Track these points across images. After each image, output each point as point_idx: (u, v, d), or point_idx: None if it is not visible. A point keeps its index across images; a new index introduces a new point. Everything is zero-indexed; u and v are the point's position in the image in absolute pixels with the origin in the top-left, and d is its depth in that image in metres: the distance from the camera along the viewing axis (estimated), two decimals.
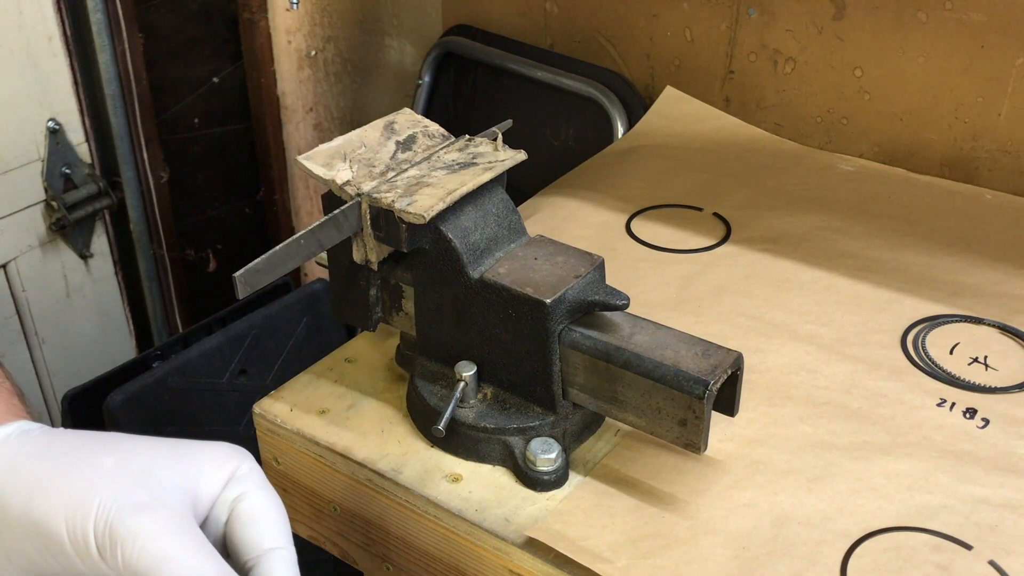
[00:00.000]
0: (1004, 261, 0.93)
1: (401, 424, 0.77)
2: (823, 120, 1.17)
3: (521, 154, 0.74)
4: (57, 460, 0.48)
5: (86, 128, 1.42)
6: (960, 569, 0.63)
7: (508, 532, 0.67)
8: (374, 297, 0.76)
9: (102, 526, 0.46)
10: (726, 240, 0.98)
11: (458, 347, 0.73)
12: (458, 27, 1.46)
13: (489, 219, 0.71)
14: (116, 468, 0.48)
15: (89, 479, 0.47)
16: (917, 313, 0.86)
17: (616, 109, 1.29)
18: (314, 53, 1.67)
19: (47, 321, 1.42)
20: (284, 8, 1.60)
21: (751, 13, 1.17)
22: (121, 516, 0.46)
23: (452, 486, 0.71)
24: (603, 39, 1.31)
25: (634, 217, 1.02)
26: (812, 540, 0.65)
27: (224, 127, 1.66)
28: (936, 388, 0.78)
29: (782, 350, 0.82)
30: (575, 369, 0.69)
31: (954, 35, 1.05)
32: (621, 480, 0.70)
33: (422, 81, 1.50)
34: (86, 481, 0.47)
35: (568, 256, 0.71)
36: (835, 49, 1.13)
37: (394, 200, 0.68)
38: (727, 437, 0.74)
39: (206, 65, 1.60)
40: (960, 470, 0.70)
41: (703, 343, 0.67)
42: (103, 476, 0.47)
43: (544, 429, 0.71)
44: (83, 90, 1.40)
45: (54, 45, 1.35)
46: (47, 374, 1.45)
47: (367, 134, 0.76)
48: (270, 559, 0.50)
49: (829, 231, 0.99)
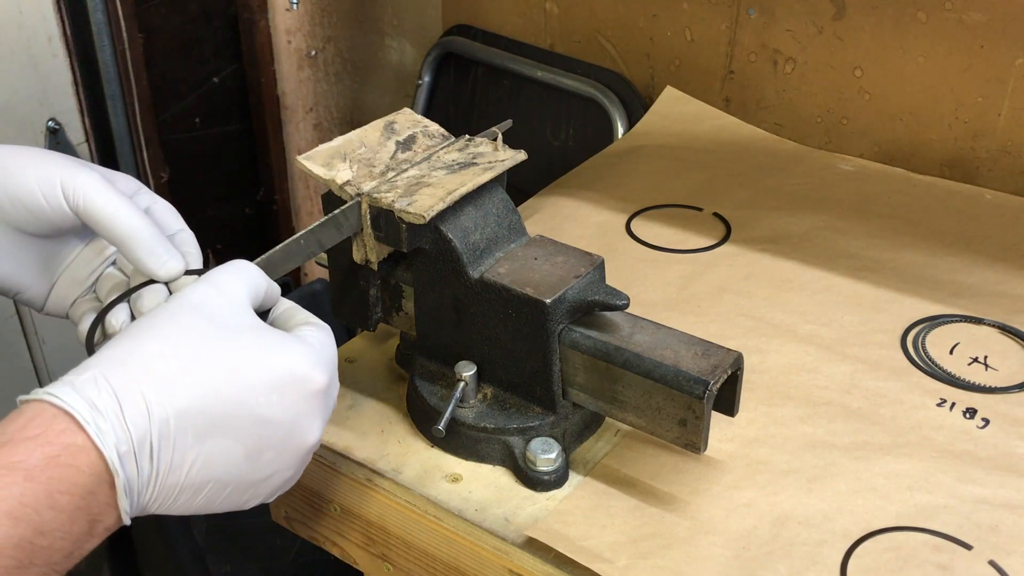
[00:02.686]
0: (1004, 261, 0.93)
1: (401, 424, 0.77)
2: (823, 120, 1.17)
3: (521, 154, 0.74)
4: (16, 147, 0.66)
5: (86, 128, 1.42)
6: (960, 569, 0.63)
7: (508, 532, 0.67)
8: (374, 297, 0.76)
9: (68, 177, 0.63)
10: (726, 240, 0.98)
11: (458, 347, 0.73)
12: (458, 27, 1.46)
13: (489, 219, 0.71)
14: (65, 156, 0.66)
15: (49, 155, 0.65)
16: (917, 313, 0.86)
17: (616, 109, 1.29)
18: (314, 53, 1.67)
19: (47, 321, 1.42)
20: (284, 8, 1.60)
21: (751, 13, 1.17)
22: (80, 172, 0.64)
23: (452, 486, 0.71)
24: (603, 39, 1.31)
25: (634, 217, 1.02)
26: (812, 540, 0.65)
27: (224, 127, 1.66)
28: (936, 388, 0.78)
29: (782, 350, 0.82)
30: (575, 369, 0.69)
31: (954, 35, 1.05)
32: (621, 480, 0.70)
33: (422, 81, 1.50)
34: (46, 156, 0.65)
35: (568, 256, 0.71)
36: (835, 49, 1.13)
37: (394, 200, 0.68)
38: (727, 437, 0.74)
39: (206, 65, 1.60)
40: (960, 470, 0.70)
41: (703, 343, 0.67)
42: (58, 156, 0.65)
43: (544, 429, 0.71)
44: (83, 90, 1.40)
45: (54, 45, 1.35)
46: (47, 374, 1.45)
47: (367, 134, 0.76)
48: (181, 234, 0.68)
49: (829, 231, 0.99)
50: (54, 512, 0.50)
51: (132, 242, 0.64)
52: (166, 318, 0.57)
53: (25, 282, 0.69)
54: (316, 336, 0.61)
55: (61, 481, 0.50)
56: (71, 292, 0.70)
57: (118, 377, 0.53)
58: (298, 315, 0.64)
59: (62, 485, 0.50)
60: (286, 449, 0.59)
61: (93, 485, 0.51)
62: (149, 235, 0.64)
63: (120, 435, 0.52)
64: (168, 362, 0.55)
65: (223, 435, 0.56)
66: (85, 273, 0.70)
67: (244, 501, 0.59)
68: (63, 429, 0.51)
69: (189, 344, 0.56)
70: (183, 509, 0.57)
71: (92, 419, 0.52)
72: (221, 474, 0.56)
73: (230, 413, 0.56)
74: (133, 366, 0.54)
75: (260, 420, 0.57)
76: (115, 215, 0.64)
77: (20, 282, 0.69)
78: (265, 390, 0.57)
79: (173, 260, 0.64)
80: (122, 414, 0.52)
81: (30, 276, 0.69)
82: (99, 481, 0.52)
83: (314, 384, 0.59)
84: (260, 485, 0.59)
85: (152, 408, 0.53)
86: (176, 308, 0.57)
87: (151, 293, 0.65)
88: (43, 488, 0.50)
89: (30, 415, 0.52)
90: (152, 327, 0.56)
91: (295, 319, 0.63)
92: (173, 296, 0.59)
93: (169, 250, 0.65)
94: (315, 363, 0.59)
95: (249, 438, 0.57)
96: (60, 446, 0.51)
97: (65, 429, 0.51)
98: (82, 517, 0.51)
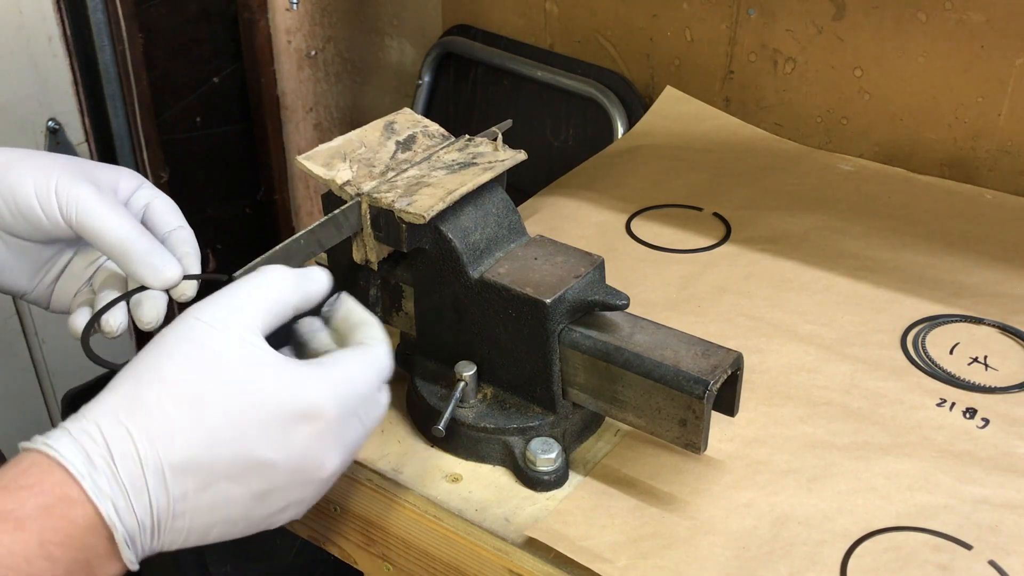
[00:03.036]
0: (1004, 261, 0.93)
1: (401, 424, 0.77)
2: (823, 120, 1.17)
3: (521, 154, 0.74)
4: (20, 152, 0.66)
5: (86, 128, 1.42)
6: (960, 569, 0.63)
7: (508, 532, 0.67)
8: (374, 297, 0.76)
9: (64, 188, 0.64)
10: (726, 240, 0.98)
11: (458, 347, 0.73)
12: (458, 27, 1.46)
13: (489, 219, 0.71)
14: (66, 161, 0.67)
15: (50, 161, 0.66)
16: (917, 313, 0.86)
17: (616, 109, 1.29)
18: (314, 53, 1.67)
19: (47, 321, 1.42)
20: (284, 8, 1.60)
21: (751, 13, 1.17)
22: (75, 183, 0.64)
23: (452, 486, 0.71)
24: (603, 39, 1.31)
25: (634, 217, 1.02)
26: (812, 540, 0.65)
27: (224, 127, 1.66)
28: (936, 388, 0.78)
29: (782, 350, 0.82)
30: (575, 369, 0.69)
31: (954, 35, 1.05)
32: (621, 480, 0.70)
33: (422, 81, 1.50)
34: (47, 162, 0.65)
35: (568, 256, 0.71)
36: (835, 49, 1.13)
37: (394, 200, 0.68)
38: (727, 437, 0.74)
39: (206, 65, 1.60)
40: (960, 470, 0.70)
41: (703, 343, 0.67)
42: (59, 163, 0.66)
43: (544, 429, 0.71)
44: (83, 90, 1.40)
45: (54, 45, 1.35)
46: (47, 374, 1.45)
47: (367, 134, 0.76)
48: (179, 232, 0.69)
49: (829, 231, 0.99)
50: (48, 563, 0.49)
51: (126, 255, 0.64)
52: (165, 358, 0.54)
53: (30, 285, 0.70)
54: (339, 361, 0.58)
55: (55, 532, 0.49)
56: (73, 288, 0.71)
57: (113, 430, 0.52)
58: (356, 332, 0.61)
59: (56, 536, 0.49)
60: (294, 486, 0.56)
61: (90, 538, 0.50)
62: (142, 247, 0.64)
63: (116, 490, 0.51)
64: (165, 411, 0.53)
65: (226, 481, 0.54)
66: (84, 266, 0.71)
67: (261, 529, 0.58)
68: (59, 481, 0.50)
69: (187, 390, 0.53)
70: (197, 543, 0.56)
71: (88, 473, 0.50)
72: (228, 515, 0.55)
73: (230, 459, 0.54)
74: (130, 417, 0.52)
75: (263, 463, 0.54)
76: (108, 229, 0.64)
77: (26, 285, 0.70)
78: (267, 432, 0.54)
79: (168, 269, 0.64)
80: (115, 467, 0.51)
81: (34, 279, 0.70)
82: (96, 534, 0.51)
83: (321, 418, 0.55)
84: (273, 517, 0.58)
85: (147, 461, 0.52)
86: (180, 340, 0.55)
87: (150, 300, 0.65)
88: (35, 538, 0.49)
89: (27, 463, 0.51)
90: (151, 370, 0.54)
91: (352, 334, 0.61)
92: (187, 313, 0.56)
93: (164, 260, 0.65)
94: (324, 396, 0.55)
95: (254, 482, 0.55)
96: (55, 497, 0.50)
97: (61, 481, 0.50)
98: (80, 568, 0.50)
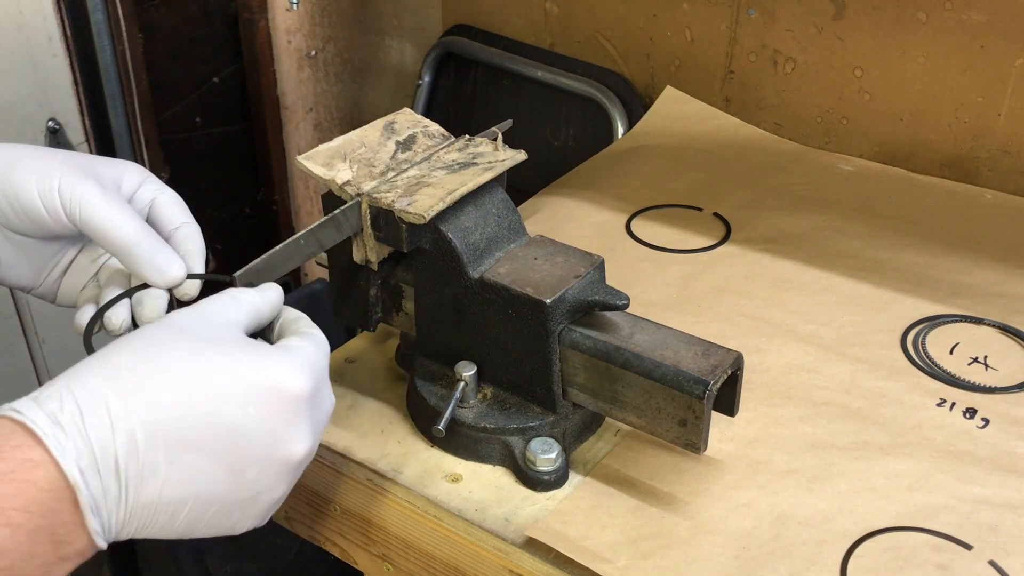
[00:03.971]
0: (1004, 261, 0.93)
1: (401, 424, 0.77)
2: (823, 120, 1.17)
3: (521, 154, 0.74)
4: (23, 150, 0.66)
5: (86, 128, 1.42)
6: (960, 569, 0.63)
7: (508, 532, 0.67)
8: (374, 297, 0.76)
9: (67, 187, 0.64)
10: (726, 240, 0.98)
11: (458, 347, 0.73)
12: (458, 27, 1.46)
13: (489, 219, 0.71)
14: (68, 157, 0.66)
15: (52, 159, 0.65)
16: (917, 313, 0.86)
17: (616, 109, 1.29)
18: (314, 53, 1.67)
19: (47, 321, 1.42)
20: (284, 8, 1.60)
21: (751, 13, 1.17)
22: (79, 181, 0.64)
23: (452, 486, 0.71)
24: (603, 39, 1.31)
25: (634, 217, 1.02)
26: (812, 540, 0.65)
27: (224, 127, 1.66)
28: (936, 388, 0.78)
29: (782, 350, 0.82)
30: (575, 369, 0.69)
31: (954, 35, 1.05)
32: (621, 480, 0.70)
33: (422, 81, 1.50)
34: (49, 161, 0.65)
35: (568, 256, 0.71)
36: (835, 49, 1.13)
37: (394, 200, 0.68)
38: (727, 437, 0.74)
39: (206, 65, 1.60)
40: (960, 470, 0.70)
41: (703, 343, 0.67)
42: (61, 159, 0.65)
43: (544, 429, 0.71)
44: (83, 90, 1.40)
45: (54, 45, 1.35)
46: (47, 374, 1.45)
47: (367, 134, 0.76)
48: (185, 228, 0.68)
49: (829, 231, 0.99)
50: (9, 530, 0.47)
51: (130, 254, 0.64)
52: (140, 335, 0.55)
53: (36, 280, 0.70)
54: (299, 344, 0.58)
55: (15, 497, 0.48)
56: (79, 282, 0.71)
57: (82, 389, 0.51)
58: (296, 324, 0.62)
59: (16, 501, 0.48)
60: (270, 464, 0.55)
61: (52, 502, 0.49)
62: (147, 246, 0.64)
63: (81, 448, 0.49)
64: (136, 373, 0.52)
65: (197, 450, 0.53)
66: (89, 261, 0.71)
67: (233, 523, 0.56)
68: (19, 444, 0.49)
69: (159, 356, 0.53)
70: (164, 532, 0.54)
71: (52, 432, 0.49)
72: (200, 492, 0.53)
73: (203, 424, 0.53)
74: (99, 378, 0.52)
75: (236, 432, 0.54)
76: (112, 229, 0.64)
77: (32, 281, 0.71)
78: (240, 400, 0.54)
79: (172, 268, 0.64)
80: (84, 426, 0.50)
81: (39, 275, 0.70)
82: (59, 498, 0.49)
83: (293, 391, 0.55)
84: (248, 505, 0.56)
85: (116, 420, 0.50)
86: (155, 327, 0.56)
87: (152, 299, 0.65)
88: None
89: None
90: (125, 342, 0.54)
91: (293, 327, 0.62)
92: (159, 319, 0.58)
93: (168, 258, 0.65)
94: (295, 371, 0.56)
95: (226, 452, 0.54)
96: (15, 461, 0.49)
97: (21, 444, 0.49)
98: (44, 538, 0.49)
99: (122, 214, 0.64)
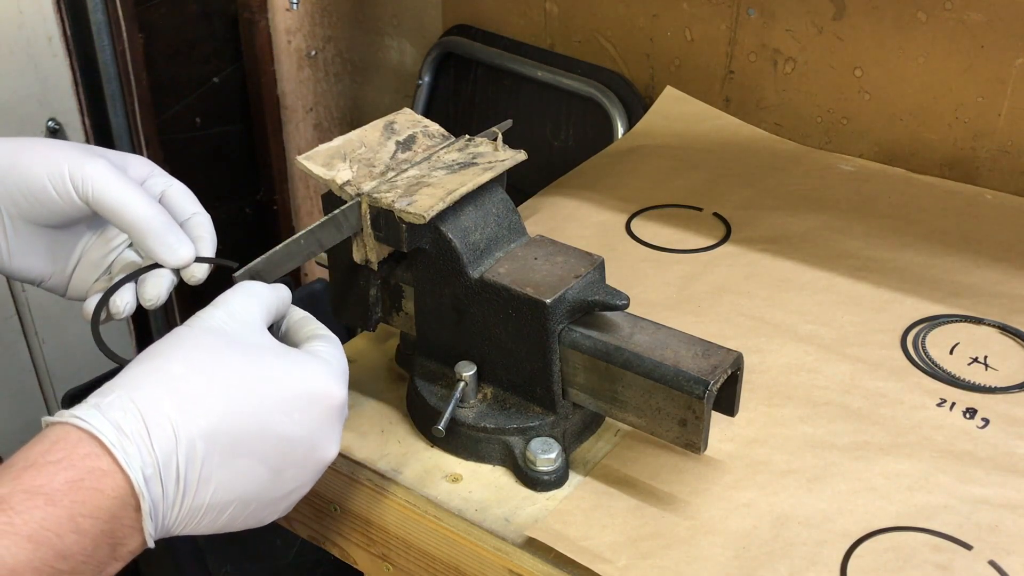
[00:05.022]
0: (1004, 261, 0.93)
1: (401, 424, 0.77)
2: (823, 120, 1.17)
3: (521, 154, 0.74)
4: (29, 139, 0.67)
5: (86, 128, 1.42)
6: (960, 569, 0.63)
7: (508, 532, 0.67)
8: (374, 297, 0.76)
9: (76, 167, 0.64)
10: (726, 240, 0.98)
11: (458, 347, 0.73)
12: (458, 27, 1.46)
13: (489, 219, 0.71)
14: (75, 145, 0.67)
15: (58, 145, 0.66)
16: (917, 313, 0.86)
17: (616, 109, 1.29)
18: (314, 53, 1.67)
19: (47, 321, 1.42)
20: (284, 8, 1.60)
21: (751, 13, 1.17)
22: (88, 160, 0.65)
23: (452, 486, 0.71)
24: (603, 39, 1.31)
25: (634, 217, 1.02)
26: (812, 540, 0.65)
27: (224, 127, 1.66)
28: (936, 388, 0.78)
29: (782, 350, 0.82)
30: (575, 369, 0.69)
31: (954, 35, 1.05)
32: (621, 480, 0.70)
33: (422, 81, 1.50)
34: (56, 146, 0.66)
35: (568, 256, 0.71)
36: (835, 49, 1.13)
37: (394, 200, 0.68)
38: (727, 437, 0.74)
39: (206, 65, 1.60)
40: (960, 470, 0.70)
41: (703, 343, 0.67)
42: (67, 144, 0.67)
43: (544, 429, 0.71)
44: (83, 90, 1.40)
45: (54, 45, 1.35)
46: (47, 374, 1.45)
47: (367, 134, 0.76)
48: (196, 217, 0.70)
49: (829, 231, 0.99)
50: (77, 536, 0.50)
51: (142, 231, 0.65)
52: (186, 340, 0.57)
53: (46, 271, 0.71)
54: (329, 351, 0.62)
55: (84, 505, 0.50)
56: (90, 275, 0.71)
57: (144, 399, 0.53)
58: (309, 326, 0.64)
59: (85, 509, 0.50)
60: (307, 465, 0.59)
61: (117, 509, 0.51)
62: (160, 223, 0.65)
63: (146, 458, 0.52)
64: (192, 384, 0.54)
65: (248, 454, 0.56)
66: (101, 255, 0.71)
67: (263, 517, 0.59)
68: (87, 453, 0.51)
69: (212, 365, 0.56)
70: (206, 529, 0.56)
71: (119, 442, 0.51)
72: (244, 493, 0.56)
73: (254, 432, 0.56)
74: (158, 388, 0.54)
75: (283, 438, 0.57)
76: (125, 204, 0.65)
77: (42, 272, 0.71)
78: (287, 408, 0.57)
79: (183, 248, 0.66)
80: (149, 437, 0.52)
81: (50, 265, 0.71)
82: (123, 505, 0.51)
83: (333, 400, 0.60)
84: (280, 501, 0.59)
85: (179, 430, 0.53)
86: (195, 331, 0.57)
87: (155, 278, 0.66)
88: (65, 512, 0.49)
89: (54, 438, 0.52)
90: (173, 348, 0.56)
91: (306, 330, 0.64)
92: (191, 319, 0.59)
93: (180, 238, 0.66)
94: (333, 379, 0.60)
95: (273, 456, 0.57)
96: (84, 470, 0.51)
97: (89, 453, 0.51)
98: (105, 541, 0.51)
99: (134, 192, 0.65)
